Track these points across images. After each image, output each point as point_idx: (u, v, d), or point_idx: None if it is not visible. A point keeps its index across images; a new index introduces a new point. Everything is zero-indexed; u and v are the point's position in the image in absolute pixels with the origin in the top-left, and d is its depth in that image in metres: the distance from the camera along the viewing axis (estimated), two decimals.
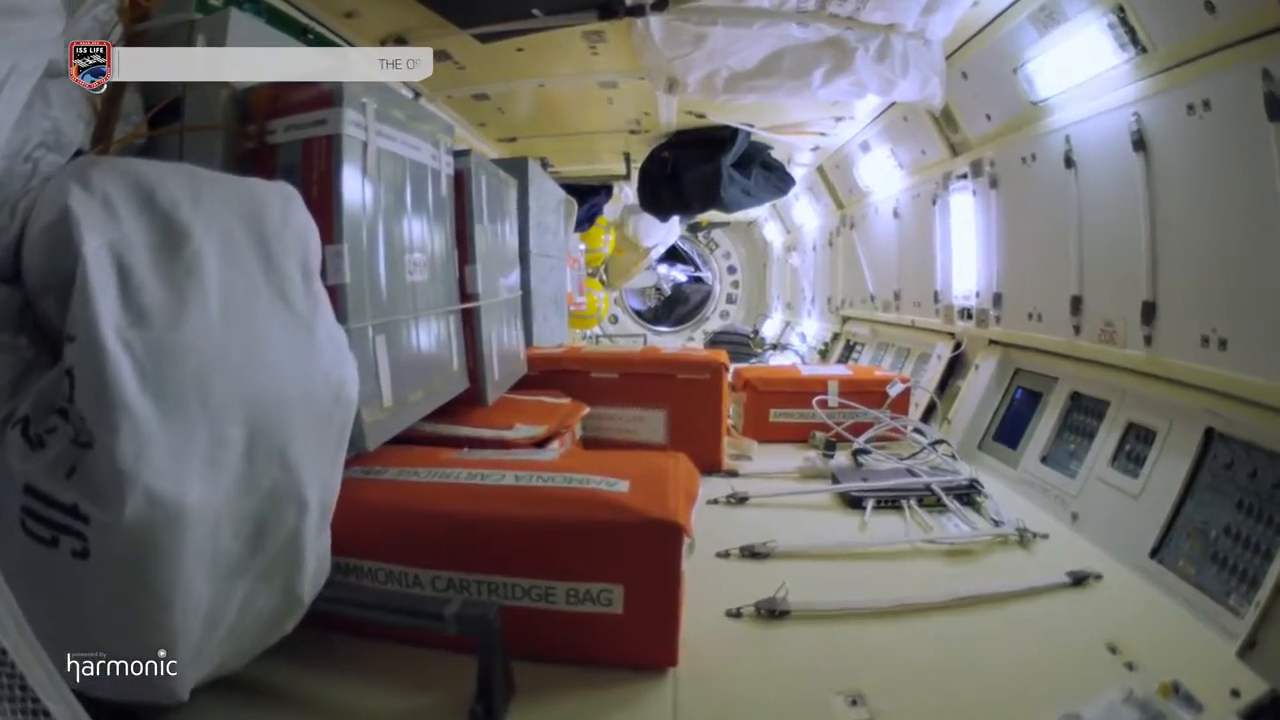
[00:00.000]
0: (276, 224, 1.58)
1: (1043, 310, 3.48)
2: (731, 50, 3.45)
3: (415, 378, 2.15)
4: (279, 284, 1.54)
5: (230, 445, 1.36)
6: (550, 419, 2.66)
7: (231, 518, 1.38)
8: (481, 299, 2.59)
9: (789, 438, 3.97)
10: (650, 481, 1.82)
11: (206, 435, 1.33)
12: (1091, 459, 2.93)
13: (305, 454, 1.51)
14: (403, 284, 2.08)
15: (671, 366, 3.43)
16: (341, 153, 1.83)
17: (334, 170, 1.82)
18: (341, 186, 1.82)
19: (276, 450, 1.45)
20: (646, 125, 5.42)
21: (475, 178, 2.57)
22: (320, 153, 1.84)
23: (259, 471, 1.42)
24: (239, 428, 1.38)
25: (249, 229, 1.53)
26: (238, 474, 1.39)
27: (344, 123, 1.83)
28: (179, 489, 1.25)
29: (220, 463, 1.35)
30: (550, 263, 4.77)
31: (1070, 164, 3.14)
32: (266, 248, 1.54)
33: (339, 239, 1.80)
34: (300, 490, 1.51)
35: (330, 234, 1.80)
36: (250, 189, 1.61)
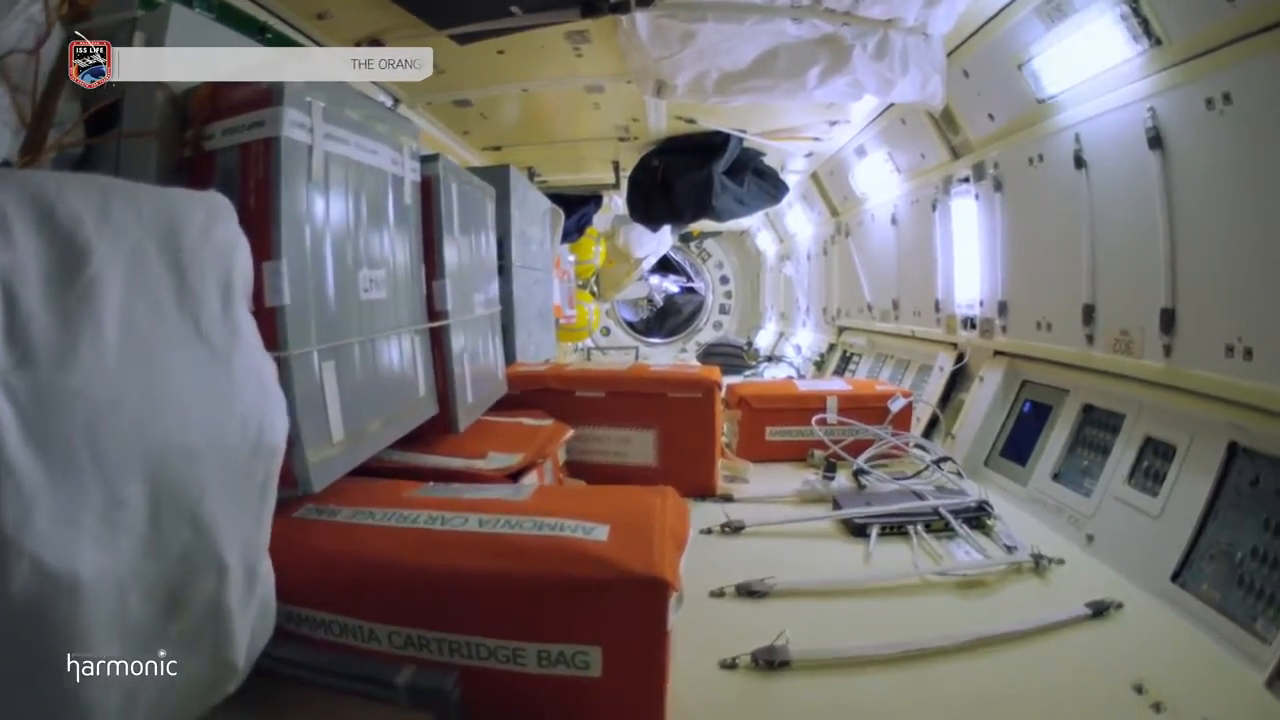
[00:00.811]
0: (194, 240, 1.37)
1: (1052, 319, 3.31)
2: (722, 49, 3.27)
3: (373, 406, 1.94)
4: (192, 311, 1.33)
5: (130, 505, 1.17)
6: (528, 445, 2.45)
7: (140, 585, 1.20)
8: (451, 316, 2.38)
9: (786, 456, 3.78)
10: (633, 526, 1.61)
11: (101, 495, 1.13)
12: (1107, 476, 2.77)
13: (221, 512, 1.31)
14: (356, 303, 1.87)
15: (661, 385, 3.23)
16: (280, 157, 1.62)
17: (272, 177, 1.62)
18: (280, 195, 1.61)
19: (185, 509, 1.26)
20: (635, 132, 5.24)
21: (444, 185, 2.37)
22: (258, 158, 1.64)
23: (166, 534, 1.23)
24: (139, 485, 1.17)
25: (163, 247, 1.32)
26: (141, 537, 1.19)
27: (284, 124, 1.64)
28: (71, 558, 1.07)
29: (119, 525, 1.16)
30: (535, 275, 4.57)
31: (1080, 164, 2.99)
32: (181, 268, 1.33)
33: (277, 255, 1.60)
34: (217, 553, 1.31)
35: (268, 249, 1.60)
36: (170, 200, 1.40)
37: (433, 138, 5.01)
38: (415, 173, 2.26)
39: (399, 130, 2.18)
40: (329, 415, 1.74)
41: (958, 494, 3.01)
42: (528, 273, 4.35)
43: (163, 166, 1.72)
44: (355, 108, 1.94)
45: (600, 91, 4.29)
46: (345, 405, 1.78)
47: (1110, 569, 2.48)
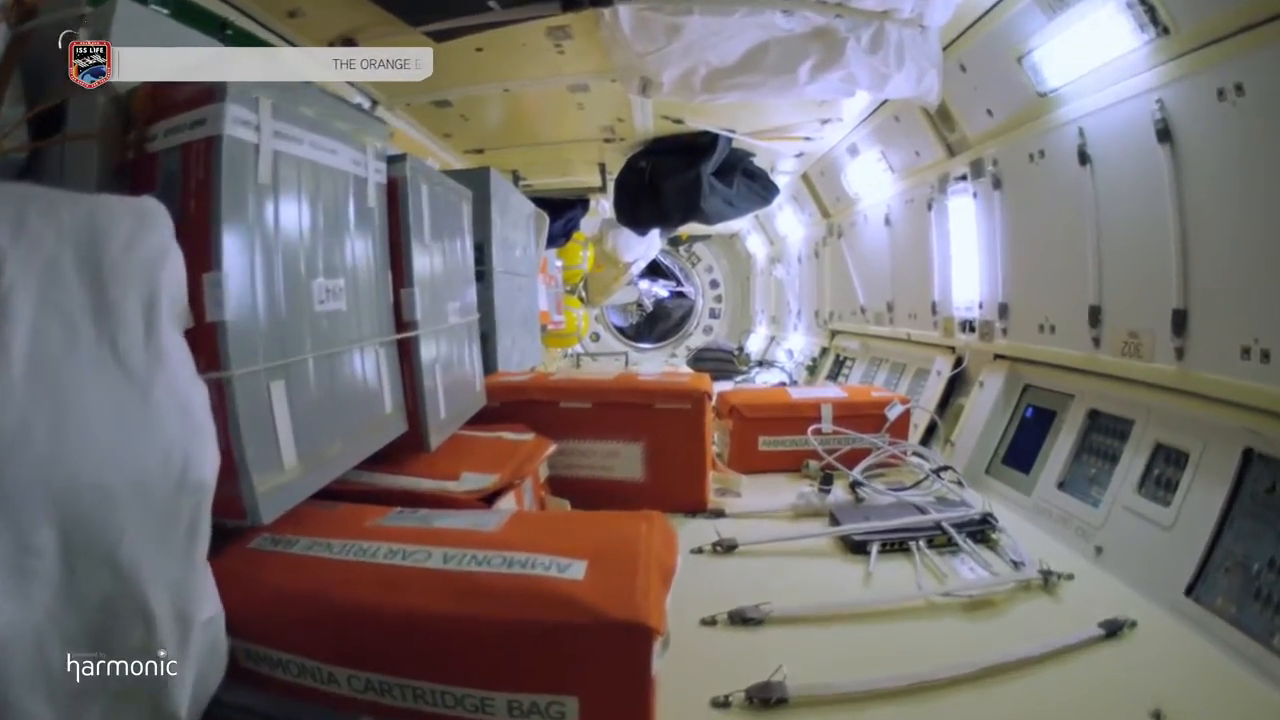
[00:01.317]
0: (117, 253, 1.22)
1: (1056, 321, 3.18)
2: (709, 43, 3.13)
3: (331, 427, 1.78)
4: (110, 333, 1.18)
5: (42, 552, 1.04)
6: (507, 463, 2.30)
7: (61, 636, 1.08)
8: (421, 326, 2.22)
9: (780, 467, 3.63)
10: (613, 560, 1.45)
11: (10, 540, 1.01)
12: (1116, 485, 2.65)
13: (142, 555, 1.17)
14: (310, 315, 1.71)
15: (649, 395, 3.07)
16: (222, 157, 1.47)
17: (213, 179, 1.46)
18: (221, 199, 1.46)
19: (102, 554, 1.12)
20: (621, 133, 5.09)
21: (412, 186, 2.21)
22: (198, 159, 1.48)
23: (83, 581, 1.10)
24: (50, 528, 1.05)
25: (82, 261, 1.17)
26: (56, 585, 1.07)
27: (225, 121, 1.48)
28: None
29: (31, 573, 1.04)
30: (519, 281, 4.42)
31: (1085, 159, 2.86)
32: (100, 284, 1.18)
33: (218, 265, 1.44)
34: (142, 600, 1.17)
35: (209, 259, 1.44)
36: (96, 208, 1.25)
37: (414, 141, 4.87)
38: (380, 174, 2.10)
39: (363, 129, 2.03)
40: (279, 439, 1.58)
41: (959, 505, 2.87)
42: (510, 278, 4.20)
43: (104, 171, 1.57)
44: (311, 104, 1.79)
45: (584, 91, 4.15)
46: (299, 427, 1.63)
47: (1121, 583, 2.35)
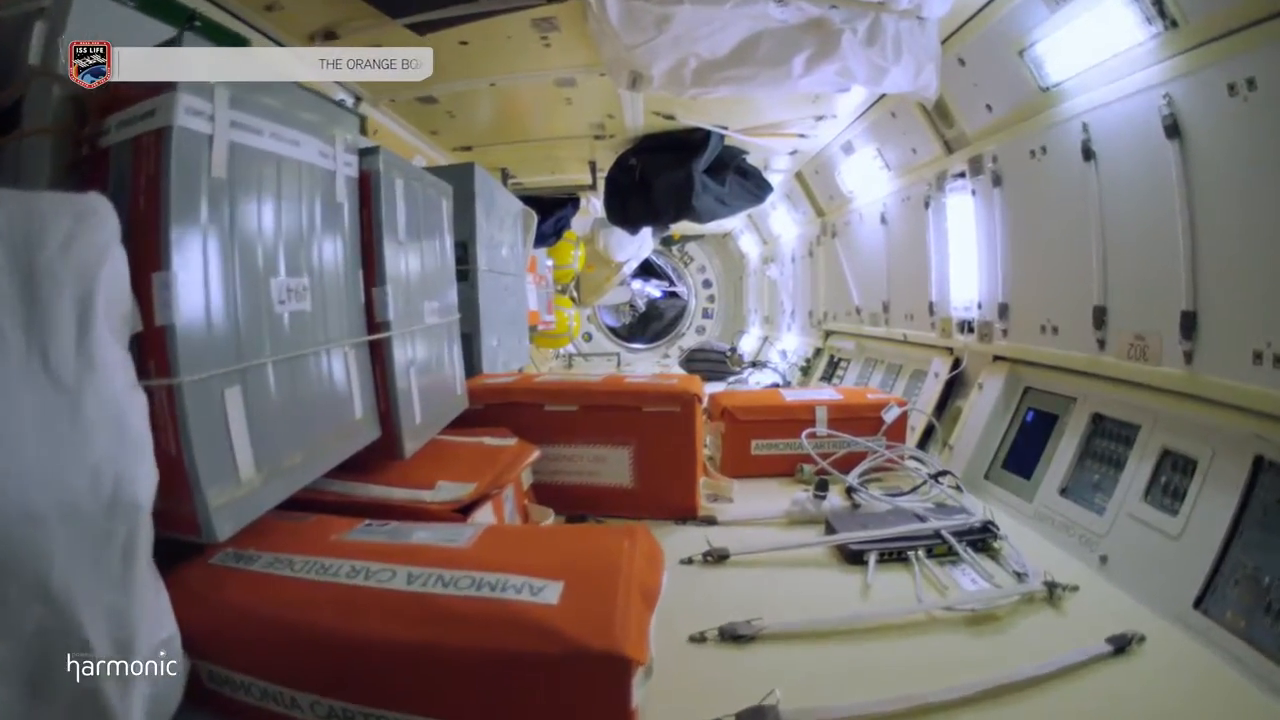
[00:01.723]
0: (53, 253, 1.12)
1: (1059, 322, 3.09)
2: (700, 34, 3.02)
3: (294, 435, 1.67)
4: (40, 341, 1.09)
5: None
6: (486, 471, 2.18)
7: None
8: (395, 327, 2.10)
9: (773, 472, 3.52)
10: (591, 581, 1.34)
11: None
12: (1121, 492, 2.55)
13: (75, 582, 1.10)
14: (269, 316, 1.59)
15: (637, 398, 2.95)
16: (171, 150, 1.36)
17: (163, 173, 1.35)
18: (170, 194, 1.35)
19: (33, 581, 1.05)
20: (611, 129, 4.98)
21: (386, 180, 2.09)
22: (148, 152, 1.38)
23: (15, 611, 1.05)
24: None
25: (14, 263, 1.09)
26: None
27: (177, 111, 1.37)
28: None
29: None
30: (505, 280, 4.31)
31: (1089, 155, 2.77)
32: (33, 287, 1.09)
33: (167, 264, 1.34)
34: (77, 630, 1.10)
35: (157, 258, 1.33)
36: (33, 207, 1.16)
37: (399, 139, 4.75)
38: (351, 167, 1.99)
39: (332, 120, 1.92)
40: (234, 449, 1.47)
41: (959, 512, 2.78)
42: (496, 278, 4.09)
43: (58, 168, 1.49)
44: (273, 94, 1.67)
45: (572, 85, 4.04)
46: (257, 436, 1.51)
47: (1127, 594, 2.26)
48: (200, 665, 1.37)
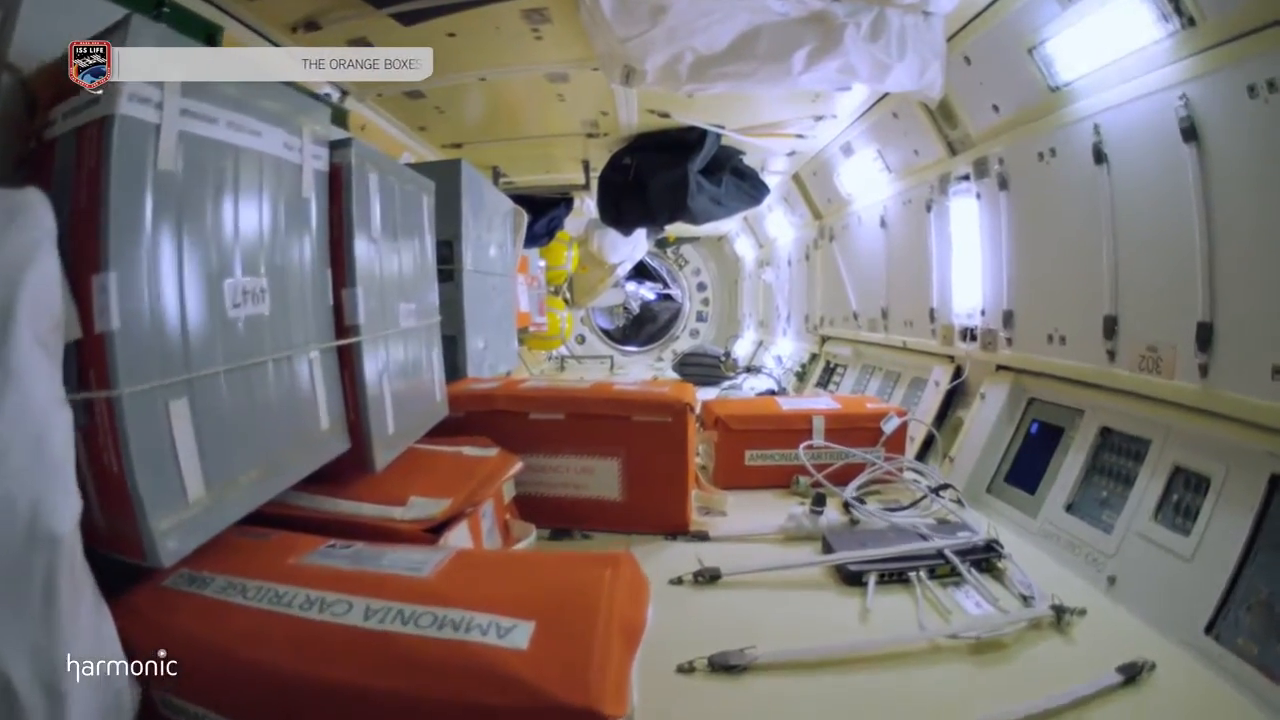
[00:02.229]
0: None
1: (1066, 332, 2.97)
2: (697, 27, 2.90)
3: (249, 450, 1.53)
4: None
5: None
6: (463, 485, 2.05)
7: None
8: (365, 331, 1.97)
9: (768, 483, 3.40)
10: (567, 620, 1.20)
11: None
12: (1131, 511, 2.44)
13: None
14: (221, 321, 1.46)
15: (627, 406, 2.81)
16: (113, 140, 1.23)
17: (104, 166, 1.22)
18: (111, 189, 1.22)
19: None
20: (605, 127, 4.85)
21: (358, 174, 1.95)
22: (90, 144, 1.25)
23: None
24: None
25: None
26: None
27: (120, 98, 1.24)
28: None
29: None
30: (493, 281, 4.17)
31: (1101, 158, 2.66)
32: None
33: (107, 265, 1.21)
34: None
35: (96, 259, 1.21)
36: None
37: (387, 135, 4.63)
38: (320, 160, 1.86)
39: (299, 110, 1.78)
40: (181, 467, 1.33)
41: (961, 529, 2.65)
42: (483, 278, 3.95)
43: (5, 164, 1.38)
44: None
45: (564, 81, 3.91)
46: (207, 453, 1.38)
47: (1136, 618, 2.16)
48: (155, 694, 1.26)
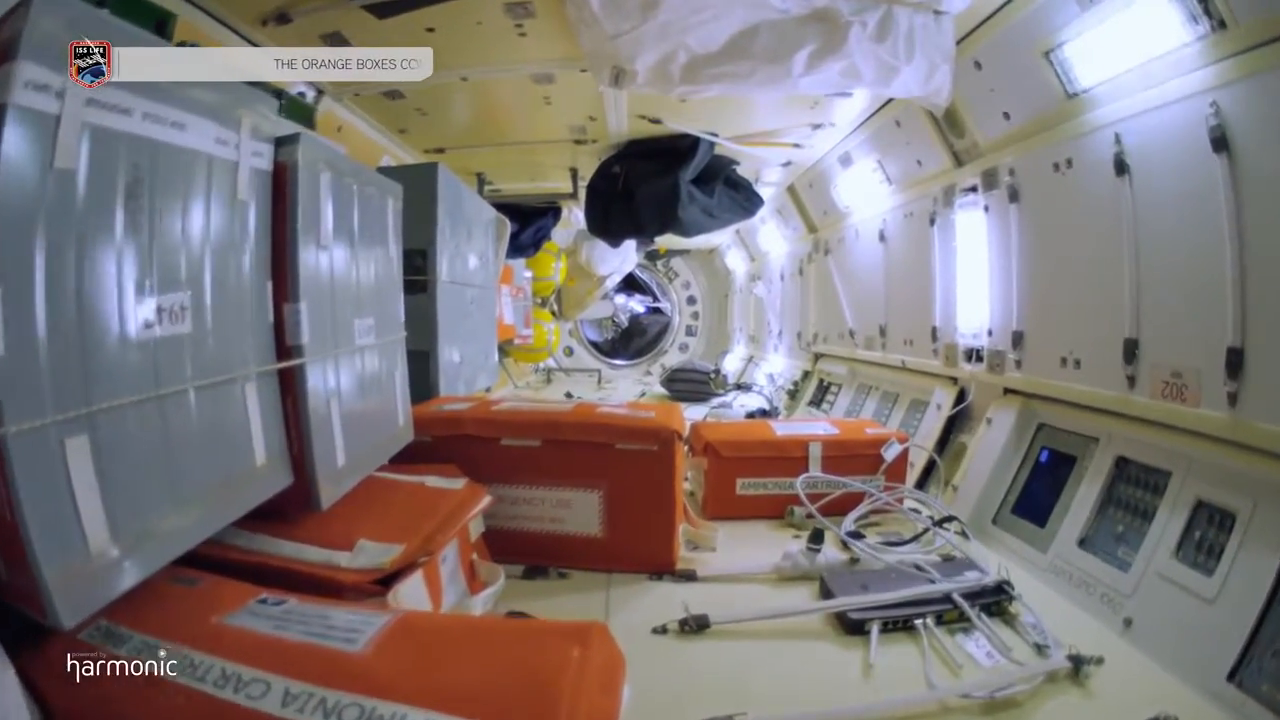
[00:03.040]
0: None
1: (1082, 355, 2.79)
2: (691, 23, 2.71)
3: (166, 492, 1.31)
4: None
5: None
6: (421, 524, 1.83)
7: None
8: (310, 352, 1.74)
9: (760, 514, 3.16)
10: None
11: None
12: (1150, 547, 2.26)
13: None
14: (130, 344, 1.23)
15: (609, 433, 2.57)
16: (1, 135, 1.02)
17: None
18: None
19: None
20: (593, 133, 4.65)
21: (306, 174, 1.72)
22: None
23: None
24: None
25: None
26: None
27: (14, 85, 1.04)
28: None
29: None
30: (471, 293, 3.95)
31: (1123, 169, 2.48)
32: None
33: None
34: None
35: None
36: None
37: (366, 138, 4.42)
38: (262, 158, 1.64)
39: (237, 100, 1.56)
40: (81, 515, 1.12)
41: (968, 567, 2.45)
42: (460, 290, 3.74)
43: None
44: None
45: (550, 82, 3.70)
46: (113, 496, 1.16)
47: (1155, 663, 2.00)
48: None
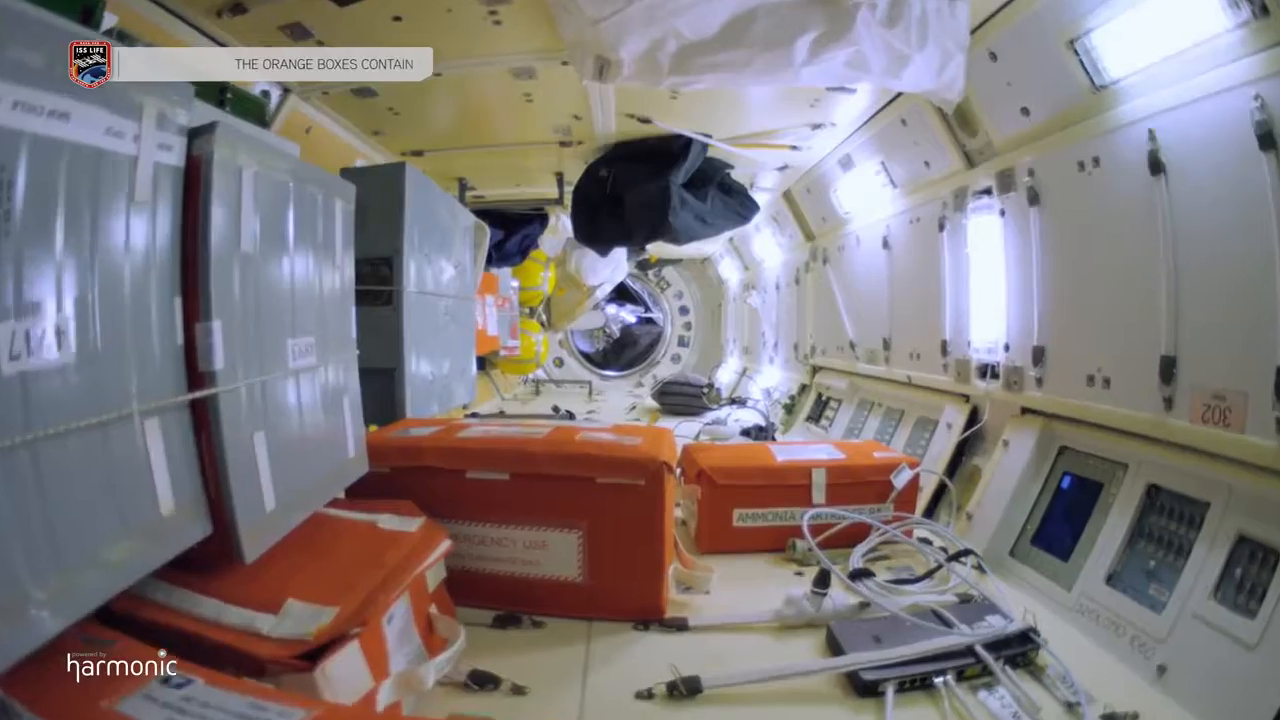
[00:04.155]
0: None
1: (1112, 373, 2.54)
2: (682, 6, 2.44)
3: (43, 556, 1.03)
4: None
5: None
6: (366, 578, 1.55)
7: None
8: (226, 380, 1.45)
9: (759, 547, 2.88)
10: None
11: None
12: (1186, 586, 2.04)
13: None
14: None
15: (590, 465, 2.26)
16: None
17: None
18: None
19: None
20: (579, 134, 4.38)
21: (223, 170, 1.46)
22: None
23: None
24: None
25: None
26: None
27: None
28: None
29: None
30: (445, 304, 3.67)
31: (1158, 168, 2.25)
32: None
33: None
34: None
35: None
36: None
37: (339, 140, 4.16)
38: (172, 152, 1.37)
39: (141, 85, 1.30)
40: None
41: (989, 610, 2.20)
42: (432, 301, 3.46)
43: None
44: (33, 44, 1.07)
45: (531, 77, 3.44)
46: None
47: (1192, 715, 1.81)
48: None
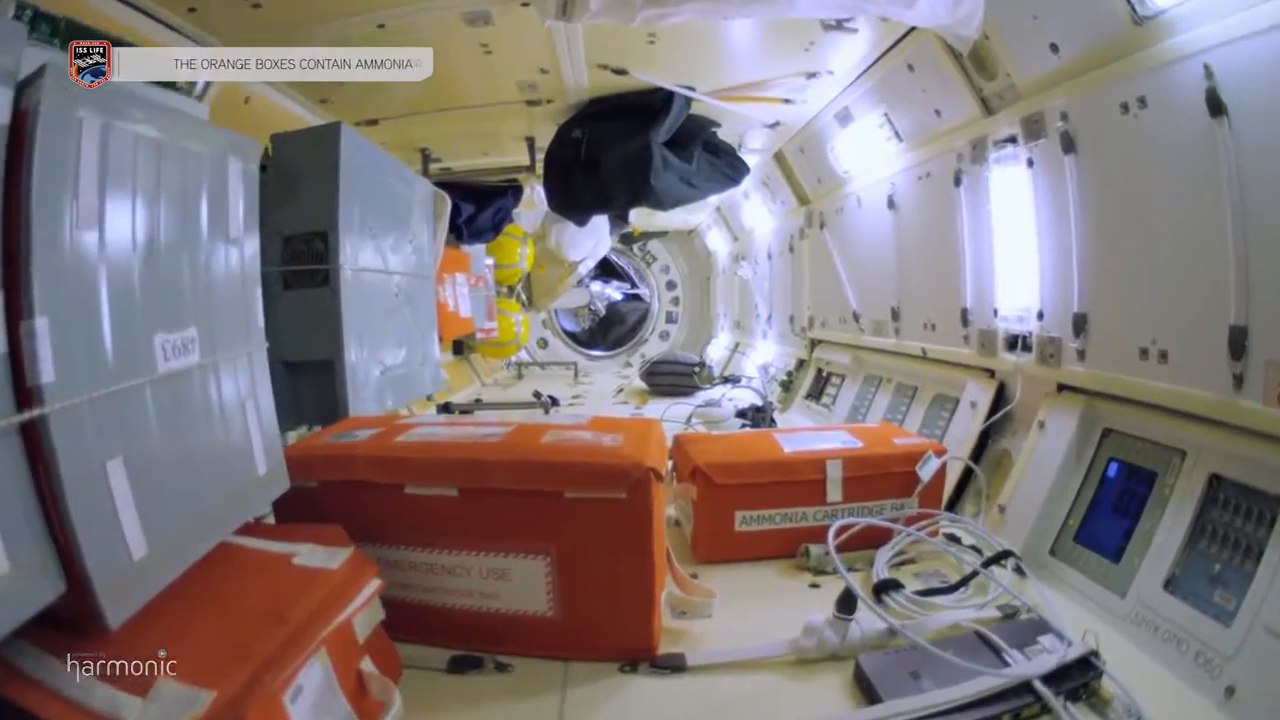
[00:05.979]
0: None
1: (1169, 345, 2.18)
2: None
3: None
4: None
5: None
6: (264, 639, 1.17)
7: None
8: (62, 393, 1.06)
9: (766, 553, 2.49)
10: None
11: None
12: (1257, 594, 1.74)
13: None
14: None
15: (557, 475, 1.82)
16: None
17: None
18: None
19: None
20: (548, 91, 3.95)
21: (55, 122, 1.07)
22: None
23: None
24: None
25: None
26: None
27: None
28: None
29: None
30: (397, 283, 3.26)
31: (1218, 109, 1.90)
32: None
33: None
34: None
35: None
36: None
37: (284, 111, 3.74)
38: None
39: None
40: None
41: (1040, 629, 1.87)
42: (380, 280, 3.05)
43: None
44: None
45: (487, 23, 3.00)
46: None
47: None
48: None
